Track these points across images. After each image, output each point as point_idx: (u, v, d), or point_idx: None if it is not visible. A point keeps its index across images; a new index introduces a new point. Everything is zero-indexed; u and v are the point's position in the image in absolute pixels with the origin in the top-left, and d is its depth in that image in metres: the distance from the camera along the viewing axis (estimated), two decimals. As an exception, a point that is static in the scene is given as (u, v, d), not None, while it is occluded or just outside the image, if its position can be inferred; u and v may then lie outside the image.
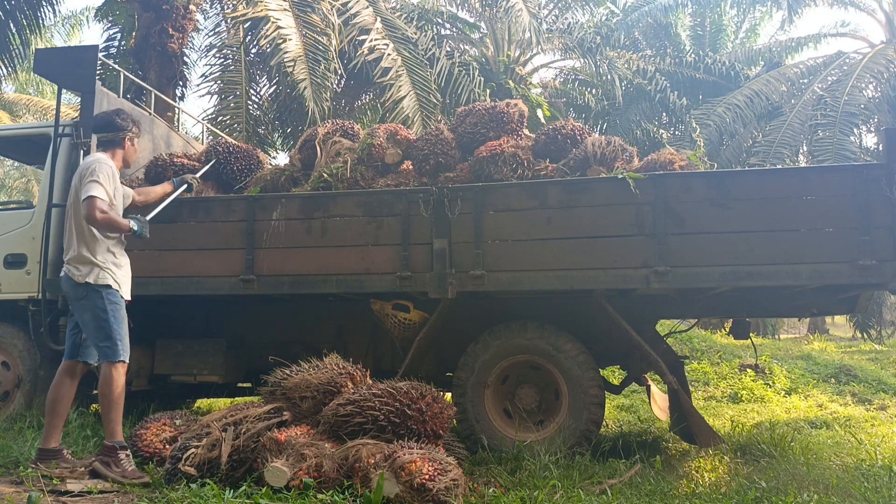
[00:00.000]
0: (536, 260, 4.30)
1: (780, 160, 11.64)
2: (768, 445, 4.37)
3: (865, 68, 12.55)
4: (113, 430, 3.68)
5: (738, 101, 13.33)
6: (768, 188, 4.11)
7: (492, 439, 4.42)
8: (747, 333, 5.17)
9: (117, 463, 3.57)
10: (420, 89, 10.54)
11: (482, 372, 4.58)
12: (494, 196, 4.43)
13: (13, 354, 5.38)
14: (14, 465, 3.79)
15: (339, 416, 3.54)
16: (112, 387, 3.69)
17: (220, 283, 4.75)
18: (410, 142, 5.20)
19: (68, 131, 5.20)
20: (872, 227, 3.91)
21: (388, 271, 4.50)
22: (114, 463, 3.56)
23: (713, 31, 19.68)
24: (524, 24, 11.34)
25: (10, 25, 8.90)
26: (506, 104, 5.18)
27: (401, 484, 2.97)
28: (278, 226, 4.70)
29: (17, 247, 5.34)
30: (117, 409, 3.70)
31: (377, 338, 5.29)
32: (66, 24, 21.70)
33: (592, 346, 4.66)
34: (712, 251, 4.08)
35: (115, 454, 3.59)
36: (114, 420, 3.69)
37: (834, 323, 24.90)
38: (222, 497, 2.99)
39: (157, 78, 9.53)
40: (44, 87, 22.71)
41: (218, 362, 5.23)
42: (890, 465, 3.85)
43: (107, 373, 3.71)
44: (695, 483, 3.69)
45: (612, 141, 4.73)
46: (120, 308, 3.82)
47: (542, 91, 16.25)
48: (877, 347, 14.62)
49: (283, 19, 9.50)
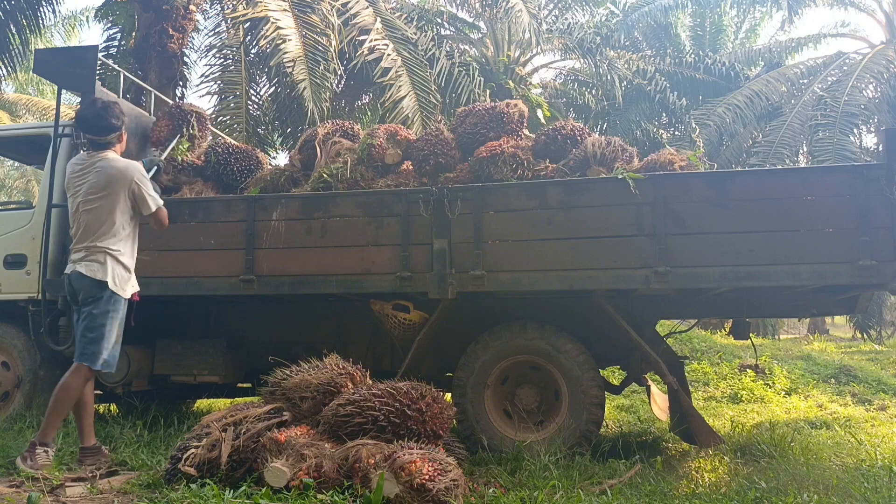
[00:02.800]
0: (536, 260, 4.30)
1: (780, 160, 11.64)
2: (768, 446, 4.37)
3: (865, 69, 12.55)
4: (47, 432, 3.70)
5: (737, 102, 13.34)
6: (768, 189, 4.11)
7: (492, 439, 4.42)
8: (747, 334, 5.18)
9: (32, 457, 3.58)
10: (420, 89, 10.54)
11: (482, 372, 4.58)
12: (494, 196, 4.43)
13: (13, 354, 5.38)
14: (14, 466, 3.78)
15: (339, 417, 3.53)
16: (70, 390, 3.71)
17: (219, 283, 4.75)
18: (410, 142, 5.21)
19: (68, 131, 5.20)
20: (872, 228, 3.91)
21: (388, 272, 4.50)
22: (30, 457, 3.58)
23: (713, 32, 19.69)
24: (524, 25, 11.34)
25: (10, 26, 8.90)
26: (506, 104, 5.18)
27: (401, 484, 2.97)
28: (278, 226, 4.70)
29: (17, 247, 5.34)
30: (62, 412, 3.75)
31: (377, 338, 5.29)
32: (66, 24, 21.70)
33: (592, 347, 4.65)
34: (712, 252, 4.08)
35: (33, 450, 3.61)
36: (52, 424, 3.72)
37: (834, 323, 24.90)
38: (222, 497, 2.99)
39: (157, 78, 9.52)
40: (44, 87, 22.70)
41: (218, 362, 5.23)
42: (890, 465, 3.85)
43: (75, 375, 3.73)
44: (695, 483, 3.69)
45: (611, 141, 4.73)
46: (120, 320, 3.85)
47: (541, 91, 16.25)
48: (877, 348, 14.63)
49: (282, 20, 9.50)
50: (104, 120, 3.95)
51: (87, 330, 3.76)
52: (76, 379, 3.73)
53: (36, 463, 3.56)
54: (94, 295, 3.76)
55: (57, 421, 3.75)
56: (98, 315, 3.76)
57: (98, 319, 3.76)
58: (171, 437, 4.45)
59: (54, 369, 5.31)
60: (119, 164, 3.92)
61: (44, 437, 3.69)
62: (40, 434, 3.71)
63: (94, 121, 3.95)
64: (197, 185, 5.32)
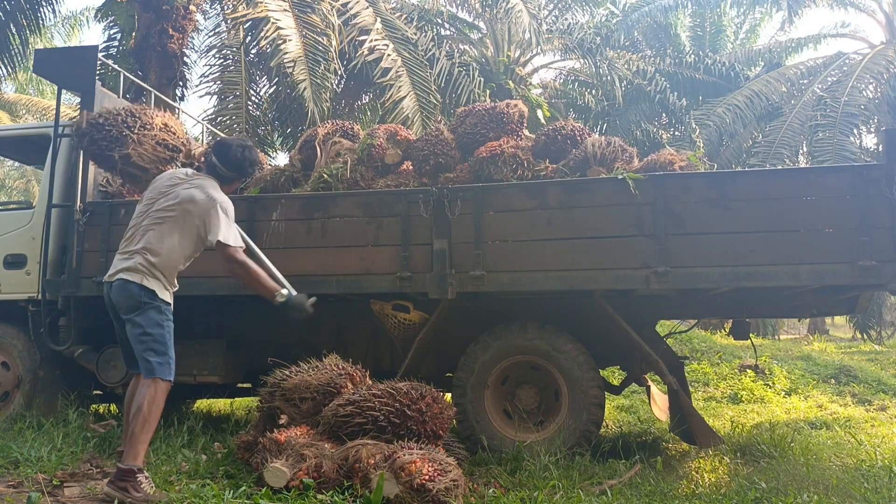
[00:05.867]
0: (536, 260, 4.30)
1: (779, 161, 11.64)
2: (768, 446, 4.38)
3: (865, 69, 12.55)
4: (137, 452, 3.27)
5: (737, 102, 13.33)
6: (768, 189, 4.11)
7: (492, 440, 4.42)
8: (747, 334, 5.18)
9: (137, 487, 3.16)
10: (420, 90, 10.54)
11: (482, 372, 4.58)
12: (494, 196, 4.43)
13: (13, 355, 5.38)
14: (14, 466, 3.78)
15: (339, 417, 3.54)
16: (154, 406, 3.34)
17: (219, 283, 4.74)
18: (410, 142, 5.21)
19: (68, 132, 5.19)
20: (872, 228, 3.91)
21: (387, 272, 4.50)
22: (133, 488, 3.16)
23: (713, 32, 19.68)
24: (524, 25, 11.34)
25: (10, 26, 8.91)
26: (506, 105, 5.18)
27: (401, 484, 2.97)
28: (278, 226, 4.70)
29: (17, 247, 5.34)
30: (150, 430, 3.35)
31: (377, 338, 5.29)
32: (66, 25, 21.68)
33: (592, 347, 4.66)
34: (712, 252, 4.08)
35: (133, 478, 3.18)
36: (143, 441, 3.30)
37: (834, 323, 24.89)
38: (222, 497, 2.99)
39: (157, 78, 9.52)
40: (44, 87, 22.68)
41: (218, 363, 5.22)
42: (890, 465, 3.85)
43: (154, 390, 3.36)
44: (695, 484, 3.69)
45: (611, 141, 4.73)
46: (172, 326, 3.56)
47: (541, 92, 16.25)
48: (877, 348, 14.62)
49: (282, 20, 9.50)
50: (245, 160, 3.69)
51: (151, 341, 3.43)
52: (158, 394, 3.38)
53: (146, 494, 3.17)
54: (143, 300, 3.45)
55: (147, 442, 3.36)
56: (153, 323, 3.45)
57: (157, 329, 3.45)
58: (170, 437, 4.45)
59: (54, 369, 5.32)
60: (214, 193, 3.58)
61: (138, 461, 3.27)
62: (134, 459, 3.26)
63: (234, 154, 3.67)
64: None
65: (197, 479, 3.49)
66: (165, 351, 3.44)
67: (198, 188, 3.56)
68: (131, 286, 3.45)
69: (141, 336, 3.42)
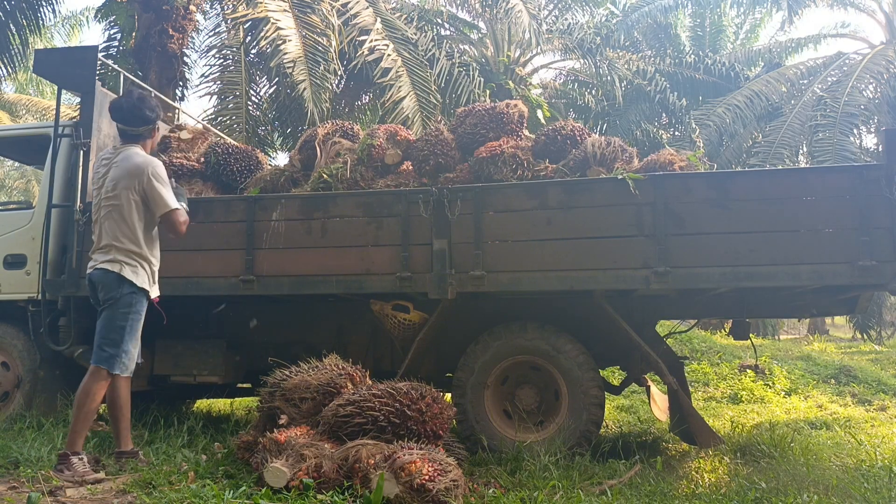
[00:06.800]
0: (536, 261, 4.29)
1: (779, 161, 11.64)
2: (768, 446, 4.37)
3: (865, 69, 12.55)
4: (72, 439, 3.47)
5: (737, 102, 13.33)
6: (768, 189, 4.11)
7: (492, 440, 4.42)
8: (747, 334, 5.17)
9: (69, 467, 3.38)
10: (420, 90, 10.54)
11: (482, 372, 4.58)
12: (494, 197, 4.43)
13: (13, 355, 5.38)
14: (14, 466, 3.78)
15: (339, 417, 3.53)
16: (90, 395, 3.49)
17: (219, 283, 4.75)
18: (410, 142, 5.21)
19: (68, 132, 5.19)
20: (872, 228, 3.90)
21: (387, 272, 4.50)
22: (66, 468, 3.38)
23: (713, 32, 19.69)
24: (524, 25, 11.35)
25: (10, 26, 8.91)
26: (505, 105, 5.18)
27: (401, 484, 2.97)
28: (278, 226, 4.70)
29: (17, 247, 5.34)
30: (86, 419, 3.50)
31: (377, 338, 5.28)
32: (66, 25, 21.71)
33: (592, 347, 4.65)
34: (712, 252, 4.08)
35: (67, 460, 3.41)
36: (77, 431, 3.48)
37: (834, 324, 24.91)
38: (222, 497, 2.99)
39: (157, 78, 9.53)
40: (44, 88, 22.69)
41: (218, 362, 5.23)
42: (890, 465, 3.85)
43: (93, 379, 3.50)
44: (695, 484, 3.69)
45: (611, 141, 4.73)
46: (141, 320, 3.67)
47: (541, 92, 16.26)
48: (877, 348, 14.63)
49: (282, 20, 9.51)
50: (139, 110, 3.78)
51: (105, 330, 3.57)
52: (94, 383, 3.51)
53: (76, 472, 3.35)
54: (115, 293, 3.57)
55: (82, 427, 3.50)
56: (118, 315, 3.58)
57: (117, 320, 3.58)
58: (170, 437, 4.45)
59: (54, 369, 5.32)
60: (137, 159, 3.70)
61: (73, 446, 3.47)
62: (68, 444, 3.50)
63: (129, 110, 3.78)
64: (196, 186, 5.32)
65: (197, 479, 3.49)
66: (120, 343, 3.55)
67: (120, 165, 3.69)
68: (110, 276, 3.61)
69: (104, 323, 3.58)
